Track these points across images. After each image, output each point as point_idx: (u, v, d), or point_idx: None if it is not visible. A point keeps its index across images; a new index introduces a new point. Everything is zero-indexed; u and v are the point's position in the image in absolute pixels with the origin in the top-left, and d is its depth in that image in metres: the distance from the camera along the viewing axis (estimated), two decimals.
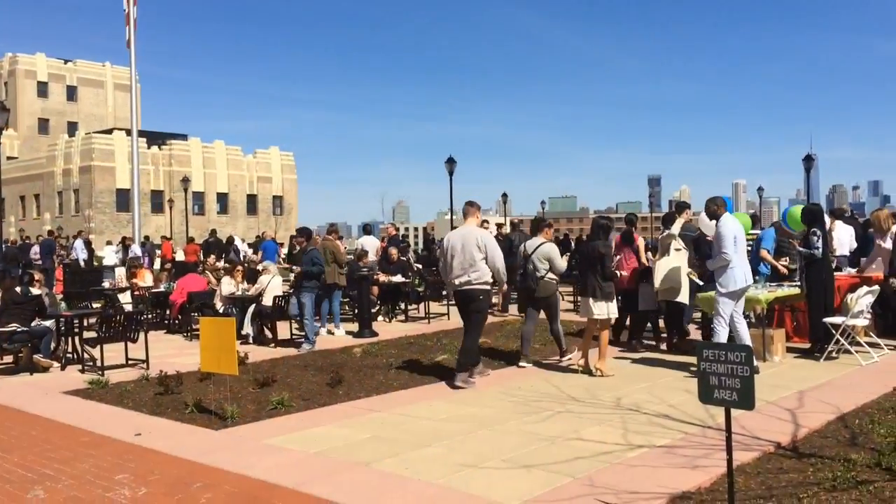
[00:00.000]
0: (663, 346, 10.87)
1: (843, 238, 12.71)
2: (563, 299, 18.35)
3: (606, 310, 9.10)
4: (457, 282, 8.66)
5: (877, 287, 9.97)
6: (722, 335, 8.65)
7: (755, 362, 4.75)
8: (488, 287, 8.88)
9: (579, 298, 9.68)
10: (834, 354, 9.50)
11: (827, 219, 13.18)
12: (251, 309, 12.70)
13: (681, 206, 11.01)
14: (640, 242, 11.29)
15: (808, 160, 41.41)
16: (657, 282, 10.35)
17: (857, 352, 9.36)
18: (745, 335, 8.75)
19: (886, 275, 10.56)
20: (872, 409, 6.85)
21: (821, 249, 9.51)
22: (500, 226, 17.45)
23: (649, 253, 11.75)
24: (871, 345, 9.68)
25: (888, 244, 10.89)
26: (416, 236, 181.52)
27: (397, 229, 22.28)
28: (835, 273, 10.56)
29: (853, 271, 11.72)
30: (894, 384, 7.80)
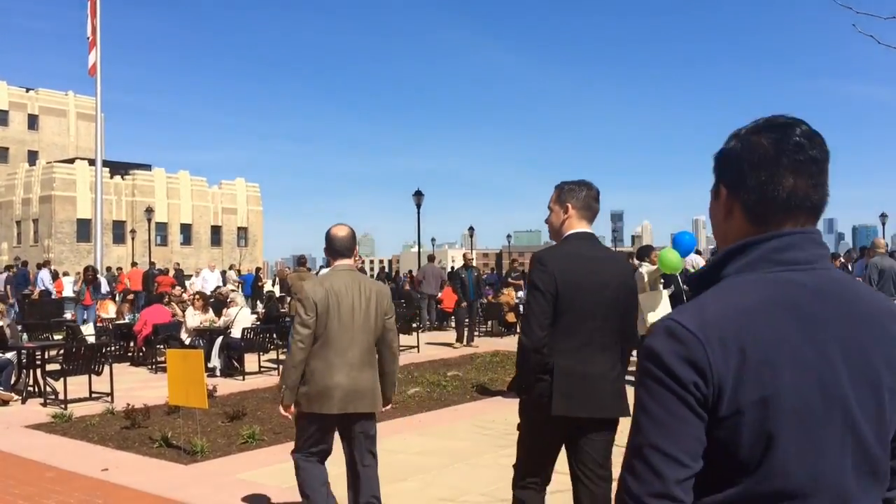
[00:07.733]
0: None
1: None
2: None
3: None
4: None
5: None
6: None
7: None
8: None
9: None
10: None
11: None
12: (219, 341, 12.52)
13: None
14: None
15: None
16: (647, 317, 10.45)
17: None
18: None
19: None
20: None
21: None
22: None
23: None
24: None
25: None
26: (382, 269, 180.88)
27: (363, 261, 22.25)
28: None
29: None
30: None
